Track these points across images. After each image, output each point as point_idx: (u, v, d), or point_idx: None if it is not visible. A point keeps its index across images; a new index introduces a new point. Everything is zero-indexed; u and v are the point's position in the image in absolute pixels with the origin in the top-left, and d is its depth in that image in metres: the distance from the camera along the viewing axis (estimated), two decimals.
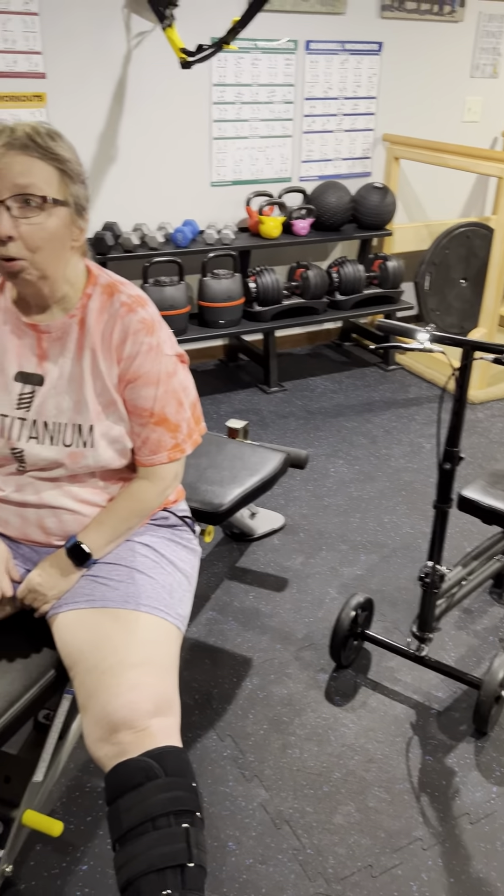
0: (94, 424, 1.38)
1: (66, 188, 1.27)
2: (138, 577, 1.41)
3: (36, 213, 1.24)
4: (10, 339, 1.40)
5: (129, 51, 3.48)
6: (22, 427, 1.39)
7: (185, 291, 3.60)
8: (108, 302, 1.37)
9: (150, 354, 1.37)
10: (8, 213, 1.23)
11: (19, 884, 1.53)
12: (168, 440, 1.42)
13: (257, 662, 2.12)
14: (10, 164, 1.22)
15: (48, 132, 1.26)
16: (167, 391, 1.40)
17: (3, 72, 3.25)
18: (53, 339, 1.38)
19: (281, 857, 1.60)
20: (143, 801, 1.17)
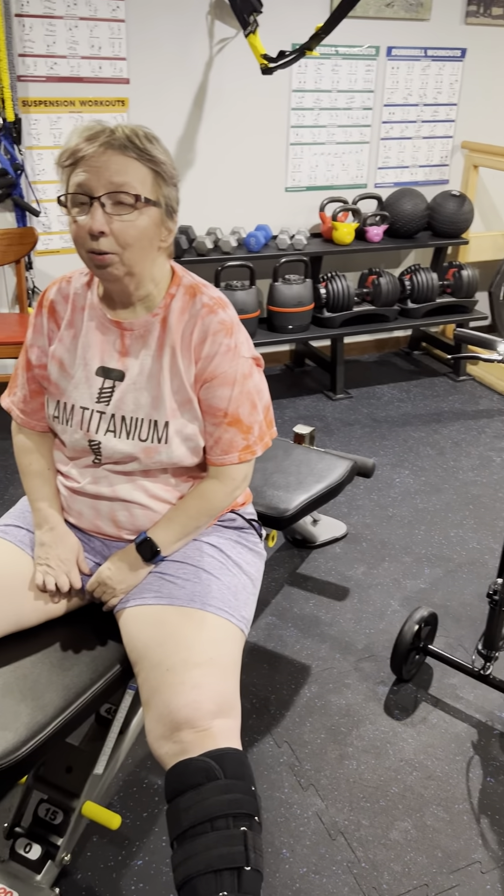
0: (169, 421, 1.40)
1: (158, 189, 1.30)
2: (205, 577, 1.41)
3: (128, 211, 1.28)
4: (94, 334, 1.43)
5: (211, 57, 3.52)
6: (100, 420, 1.42)
7: (256, 296, 3.61)
8: (190, 302, 1.39)
9: (227, 355, 1.38)
10: (102, 210, 1.27)
11: (76, 874, 1.56)
12: (240, 441, 1.43)
13: (316, 670, 2.11)
14: (107, 163, 1.25)
15: (146, 135, 1.29)
16: (242, 392, 1.41)
17: (88, 77, 3.33)
18: (136, 337, 1.41)
19: (335, 868, 1.58)
20: (203, 802, 1.18)
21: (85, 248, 1.30)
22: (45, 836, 1.47)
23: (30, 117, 3.30)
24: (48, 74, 3.26)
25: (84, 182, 1.26)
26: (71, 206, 1.30)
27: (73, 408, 1.44)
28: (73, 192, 1.28)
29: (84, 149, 1.26)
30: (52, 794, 1.49)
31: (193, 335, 1.38)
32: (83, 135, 1.27)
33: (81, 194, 1.27)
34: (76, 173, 1.27)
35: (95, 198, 1.26)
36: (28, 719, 1.24)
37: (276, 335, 3.72)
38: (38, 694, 1.29)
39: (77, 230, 1.30)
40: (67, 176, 1.30)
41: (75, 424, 1.44)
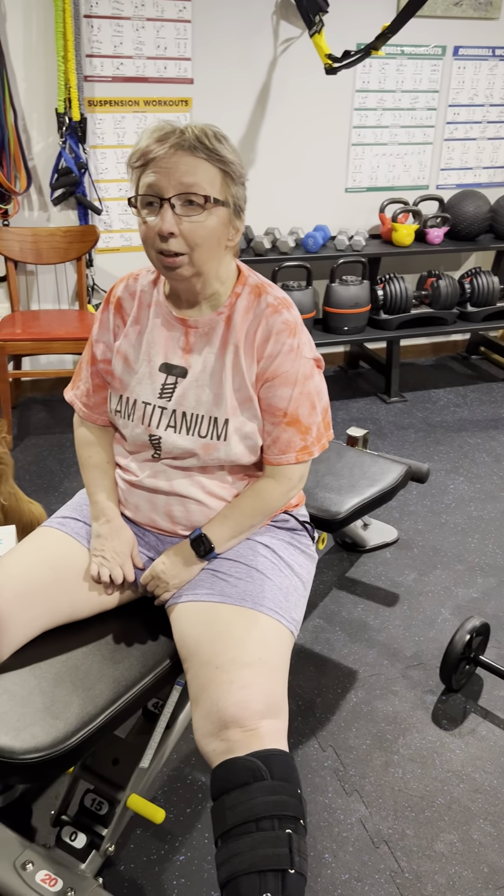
0: (229, 419, 1.40)
1: (227, 189, 1.31)
2: (257, 577, 1.41)
3: (198, 212, 1.29)
4: (159, 331, 1.45)
5: (275, 57, 3.52)
6: (162, 415, 1.44)
7: (312, 297, 3.60)
8: (255, 302, 1.39)
9: (289, 355, 1.38)
10: (172, 211, 1.28)
11: (119, 865, 1.57)
12: (298, 441, 1.43)
13: (363, 676, 2.09)
14: (176, 164, 1.27)
15: (216, 134, 1.30)
16: (302, 393, 1.41)
17: (153, 77, 3.37)
18: (200, 334, 1.42)
19: (377, 876, 1.56)
20: (249, 801, 1.17)
21: (154, 249, 1.32)
22: (91, 826, 1.49)
23: (95, 117, 3.35)
24: (114, 75, 3.31)
25: (154, 183, 1.28)
26: (141, 206, 1.31)
27: (136, 403, 1.46)
28: (143, 194, 1.30)
29: (154, 150, 1.27)
30: (98, 785, 1.51)
31: (257, 334, 1.38)
32: (153, 136, 1.28)
33: (151, 195, 1.29)
34: (146, 174, 1.29)
35: (165, 199, 1.27)
36: (79, 710, 1.25)
37: (331, 336, 3.70)
38: (89, 685, 1.31)
39: (146, 231, 1.31)
40: (137, 177, 1.31)
41: (137, 419, 1.46)
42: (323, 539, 2.11)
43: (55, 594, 1.41)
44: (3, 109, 3.14)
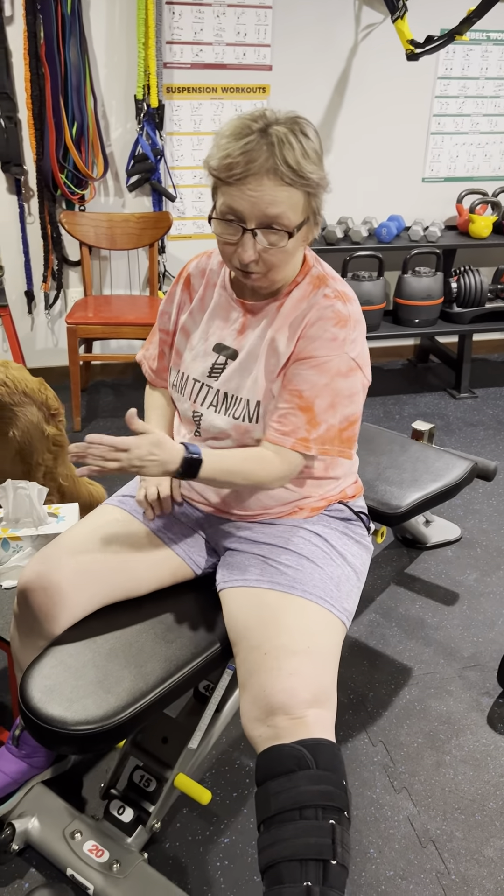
0: (261, 401, 1.40)
1: (309, 206, 1.29)
2: (307, 566, 1.40)
3: (281, 241, 1.27)
4: (219, 311, 1.46)
5: (356, 43, 3.47)
6: (207, 394, 1.45)
7: (383, 287, 3.54)
8: (311, 292, 1.38)
9: (330, 343, 1.35)
10: (253, 240, 1.26)
11: (164, 842, 1.59)
12: (302, 430, 1.36)
13: (417, 673, 2.05)
14: (261, 195, 1.22)
15: (301, 142, 1.23)
16: (328, 386, 1.35)
17: (232, 64, 3.36)
18: (254, 319, 1.42)
19: (423, 876, 1.54)
20: (293, 789, 1.17)
21: (232, 264, 1.33)
22: (138, 802, 1.51)
23: (172, 103, 3.37)
24: (193, 61, 3.32)
25: (236, 208, 1.25)
26: (218, 223, 1.29)
27: (188, 379, 1.48)
28: (224, 217, 1.27)
29: (237, 170, 1.22)
30: (147, 762, 1.54)
31: (305, 318, 1.36)
32: (237, 145, 1.22)
33: (233, 220, 1.27)
34: (228, 193, 1.25)
35: (248, 229, 1.26)
36: (130, 685, 1.27)
37: (401, 328, 3.64)
38: (142, 662, 1.32)
39: (225, 248, 1.31)
40: (218, 190, 1.28)
41: (186, 394, 1.48)
42: (382, 533, 2.07)
43: (113, 571, 1.43)
44: (84, 96, 3.19)
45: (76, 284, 3.61)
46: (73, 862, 1.46)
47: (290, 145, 1.22)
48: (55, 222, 3.40)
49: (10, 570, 1.77)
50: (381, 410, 3.62)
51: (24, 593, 1.38)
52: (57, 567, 1.38)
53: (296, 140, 1.23)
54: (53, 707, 1.23)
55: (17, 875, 1.51)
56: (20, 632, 1.43)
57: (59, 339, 3.72)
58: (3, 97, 3.15)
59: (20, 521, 1.82)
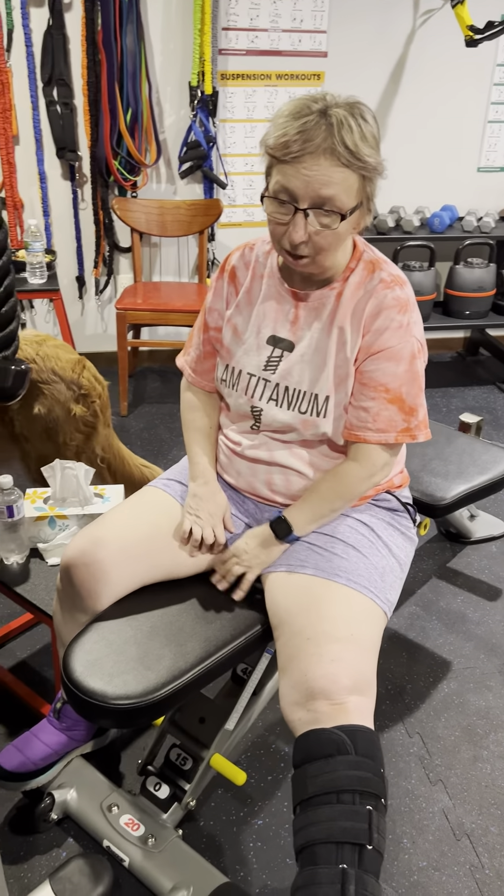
0: (329, 395, 1.39)
1: (363, 190, 1.27)
2: (353, 554, 1.40)
3: (333, 223, 1.26)
4: (270, 303, 1.45)
5: (413, 29, 3.42)
6: (265, 388, 1.44)
7: (434, 278, 3.50)
8: (367, 278, 1.37)
9: (398, 331, 1.34)
10: (304, 221, 1.25)
11: (199, 820, 1.62)
12: (399, 421, 1.38)
13: (457, 667, 2.04)
14: (316, 175, 1.21)
15: (360, 125, 1.22)
16: (408, 371, 1.37)
17: (287, 51, 3.35)
18: (310, 308, 1.40)
19: (457, 869, 1.53)
20: (331, 773, 1.17)
21: (280, 245, 1.32)
22: (174, 779, 1.53)
23: (226, 90, 3.37)
24: (248, 48, 3.31)
25: (289, 188, 1.24)
26: (271, 202, 1.28)
27: (241, 373, 1.47)
28: (277, 196, 1.26)
29: (293, 148, 1.21)
30: (184, 741, 1.56)
31: (366, 308, 1.35)
32: (295, 124, 1.21)
33: (286, 199, 1.26)
34: (283, 172, 1.24)
35: (300, 209, 1.25)
36: (170, 663, 1.29)
37: (451, 320, 3.59)
38: (182, 641, 1.34)
39: (276, 229, 1.30)
40: (273, 168, 1.27)
41: (240, 390, 1.47)
42: (425, 525, 2.05)
43: (156, 552, 1.45)
44: (140, 82, 3.21)
45: (126, 271, 3.65)
46: (110, 834, 1.49)
47: (349, 127, 1.21)
48: (107, 208, 3.44)
49: (56, 547, 1.80)
50: (429, 403, 3.58)
51: (68, 569, 1.41)
52: (101, 544, 1.40)
53: (355, 123, 1.22)
54: (94, 681, 1.26)
55: (55, 844, 1.55)
56: (63, 607, 1.46)
57: (108, 325, 3.76)
58: (61, 83, 3.19)
59: (67, 501, 1.85)
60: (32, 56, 3.14)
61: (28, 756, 1.55)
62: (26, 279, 2.81)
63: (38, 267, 2.78)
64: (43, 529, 1.83)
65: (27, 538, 1.82)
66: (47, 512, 1.82)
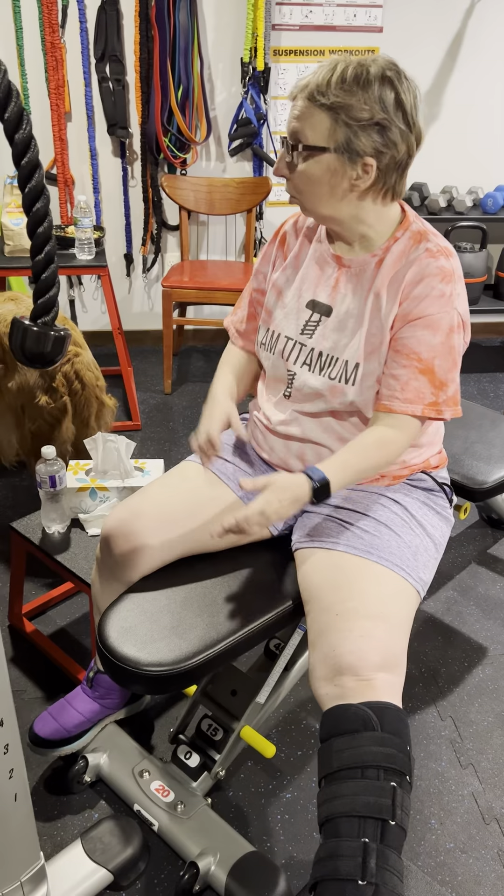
0: (360, 363, 1.38)
1: (334, 134, 1.26)
2: (385, 532, 1.39)
3: (298, 160, 1.31)
4: (314, 267, 1.46)
5: (472, 4, 3.33)
6: (300, 352, 1.44)
7: (485, 260, 3.43)
8: (412, 248, 1.35)
9: (439, 300, 1.32)
10: (285, 155, 1.33)
11: (228, 790, 1.64)
12: (428, 395, 1.34)
13: (493, 653, 2.02)
14: (295, 109, 1.30)
15: (357, 77, 1.23)
16: (444, 344, 1.33)
17: (341, 26, 3.29)
18: (350, 275, 1.40)
19: (484, 852, 1.52)
20: (357, 748, 1.18)
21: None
22: (205, 749, 1.56)
23: (279, 66, 3.34)
24: (302, 23, 3.27)
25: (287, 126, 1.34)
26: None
27: (279, 336, 1.48)
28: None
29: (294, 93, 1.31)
30: (215, 712, 1.58)
31: (407, 275, 1.33)
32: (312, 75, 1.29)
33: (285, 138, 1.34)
34: None
35: (289, 144, 1.32)
36: (202, 633, 1.31)
37: (501, 303, 3.52)
38: (214, 613, 1.35)
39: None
40: None
41: (277, 353, 1.48)
42: (466, 509, 2.03)
43: (193, 525, 1.46)
44: (192, 59, 3.20)
45: (174, 249, 3.66)
46: (141, 799, 1.52)
47: (342, 73, 1.24)
48: (156, 186, 3.45)
49: (96, 518, 1.84)
50: (476, 388, 3.52)
51: (107, 539, 1.43)
52: (140, 516, 1.43)
53: (351, 70, 1.24)
54: (128, 647, 1.28)
55: (88, 805, 1.59)
56: (101, 576, 1.49)
57: (155, 303, 3.79)
58: (113, 60, 3.20)
59: (108, 473, 1.88)
60: (86, 32, 3.16)
61: (62, 724, 1.60)
62: (75, 255, 2.84)
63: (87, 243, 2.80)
64: (84, 500, 1.86)
65: (68, 508, 1.85)
66: (88, 483, 1.85)
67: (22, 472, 2.73)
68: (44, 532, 1.83)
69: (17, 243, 2.80)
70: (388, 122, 1.25)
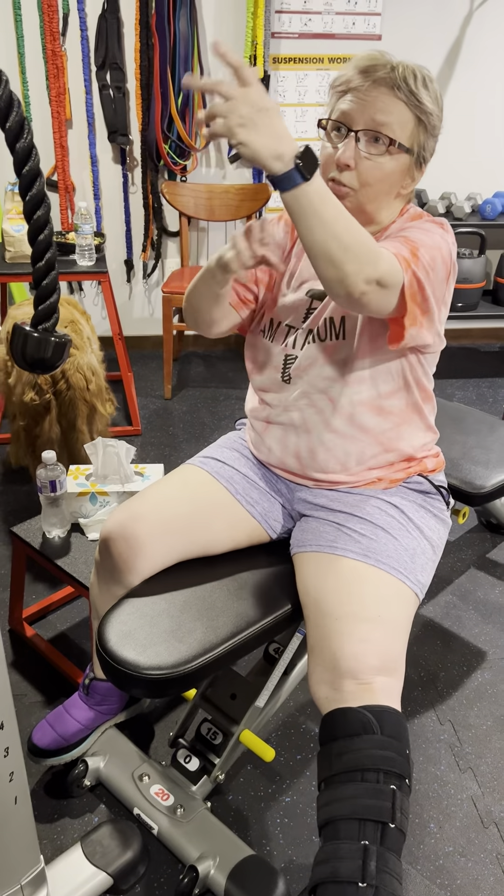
0: (344, 316, 1.38)
1: (416, 136, 1.29)
2: (382, 536, 1.40)
3: (380, 153, 1.28)
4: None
5: (471, 12, 3.35)
6: (298, 336, 1.45)
7: (484, 266, 3.44)
8: (408, 220, 1.38)
9: (424, 228, 1.33)
10: (355, 144, 1.28)
11: (227, 794, 1.64)
12: (405, 252, 1.24)
13: (492, 658, 2.02)
14: (374, 100, 1.26)
15: (425, 79, 1.27)
16: (432, 246, 1.27)
17: (340, 34, 3.31)
18: None
19: (483, 856, 1.53)
20: (356, 752, 1.18)
21: (327, 176, 1.33)
22: (204, 753, 1.56)
23: (278, 74, 3.36)
24: (301, 31, 3.29)
25: (347, 111, 1.29)
26: (329, 129, 1.33)
27: (280, 325, 1.48)
28: (334, 119, 1.31)
29: (356, 80, 1.27)
30: (215, 716, 1.58)
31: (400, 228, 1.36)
32: (362, 63, 1.28)
33: (341, 123, 1.30)
34: (343, 100, 1.30)
35: (353, 131, 1.28)
36: (201, 637, 1.31)
37: (501, 309, 3.53)
38: (213, 616, 1.36)
39: (326, 155, 1.33)
40: (335, 101, 1.33)
41: (277, 341, 1.48)
42: (464, 514, 2.04)
43: (192, 528, 1.47)
44: (192, 66, 3.23)
45: (174, 255, 3.67)
46: (140, 802, 1.53)
47: (413, 75, 1.27)
48: (157, 192, 3.47)
49: (96, 523, 1.85)
50: (475, 393, 3.53)
51: (106, 542, 1.44)
52: (138, 519, 1.43)
53: (419, 74, 1.28)
54: (128, 651, 1.29)
55: (88, 809, 1.59)
56: (100, 579, 1.50)
57: (155, 309, 3.80)
58: (114, 67, 3.22)
59: (108, 478, 1.89)
60: (87, 40, 3.18)
61: (60, 733, 1.60)
62: (75, 261, 2.85)
63: (87, 249, 2.82)
64: (84, 505, 1.87)
65: (69, 513, 1.86)
66: (88, 488, 1.86)
67: (23, 476, 2.74)
68: (44, 537, 1.84)
69: (18, 249, 2.82)
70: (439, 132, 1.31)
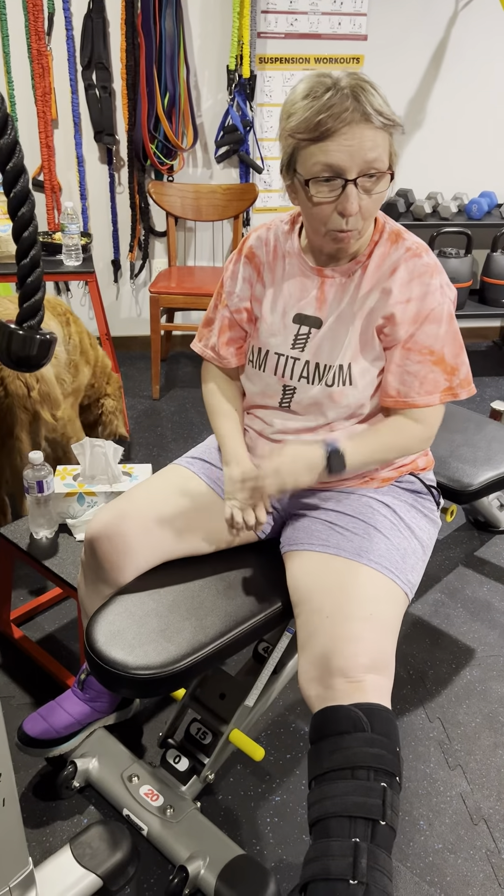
0: (352, 362, 1.40)
1: (391, 148, 1.28)
2: (374, 535, 1.40)
3: (380, 186, 1.27)
4: (294, 281, 1.45)
5: (456, 12, 3.37)
6: (294, 366, 1.44)
7: (471, 265, 3.46)
8: (392, 248, 1.37)
9: (436, 294, 1.36)
10: (356, 191, 1.25)
11: (217, 794, 1.64)
12: (443, 382, 1.40)
13: (481, 655, 2.03)
14: (361, 142, 1.21)
15: (370, 85, 1.23)
16: (449, 332, 1.39)
17: (326, 34, 3.32)
18: (337, 284, 1.41)
19: (472, 852, 1.53)
20: (347, 749, 1.18)
21: (328, 227, 1.30)
22: (194, 753, 1.56)
23: (264, 74, 3.36)
24: (287, 31, 3.29)
25: (333, 163, 1.22)
26: (314, 184, 1.25)
27: (268, 354, 1.47)
28: (322, 175, 1.24)
29: (329, 124, 1.20)
30: (204, 716, 1.58)
31: (396, 276, 1.36)
32: (320, 103, 1.20)
33: (332, 175, 1.24)
34: (322, 150, 1.22)
35: (349, 180, 1.24)
36: (190, 636, 1.31)
37: (487, 308, 3.55)
38: (202, 615, 1.36)
39: (321, 210, 1.28)
40: (297, 149, 1.26)
41: (269, 370, 1.47)
42: (452, 512, 2.04)
43: (179, 527, 1.47)
44: (178, 66, 3.22)
45: (161, 255, 3.67)
46: (130, 803, 1.52)
47: (370, 93, 1.22)
48: (143, 192, 3.46)
49: (84, 523, 1.84)
50: None
51: (93, 542, 1.43)
52: (125, 518, 1.43)
53: (370, 88, 1.23)
54: (116, 651, 1.28)
55: (77, 811, 1.59)
56: (87, 580, 1.49)
57: (143, 309, 3.79)
58: (100, 67, 3.21)
59: (96, 478, 1.88)
60: (72, 40, 3.17)
61: (51, 724, 1.59)
62: (62, 261, 2.84)
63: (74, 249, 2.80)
64: (72, 506, 1.86)
65: (56, 514, 1.85)
66: (76, 489, 1.85)
67: None
68: (31, 537, 1.83)
69: (4, 249, 2.80)
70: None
